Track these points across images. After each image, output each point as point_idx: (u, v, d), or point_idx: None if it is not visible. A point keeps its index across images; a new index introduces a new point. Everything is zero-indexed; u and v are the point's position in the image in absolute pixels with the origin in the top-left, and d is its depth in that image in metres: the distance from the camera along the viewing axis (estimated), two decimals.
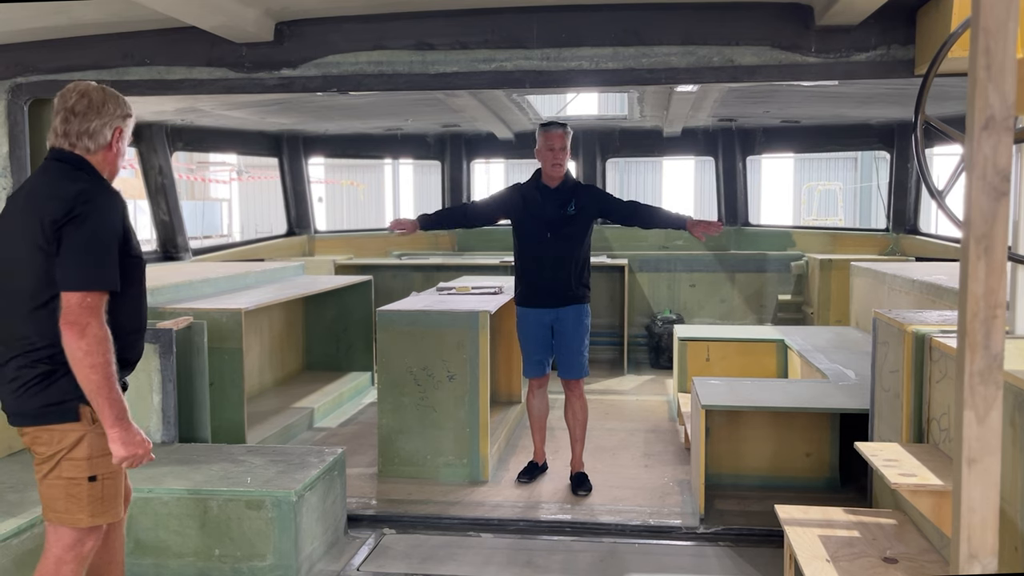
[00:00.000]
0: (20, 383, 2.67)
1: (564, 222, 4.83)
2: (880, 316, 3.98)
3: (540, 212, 4.84)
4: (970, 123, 1.73)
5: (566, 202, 4.85)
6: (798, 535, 3.26)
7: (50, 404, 2.66)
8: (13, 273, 2.67)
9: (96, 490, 2.70)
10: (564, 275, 4.85)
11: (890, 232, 9.05)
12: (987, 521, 1.78)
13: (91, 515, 2.71)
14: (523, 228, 4.92)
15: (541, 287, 4.88)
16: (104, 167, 2.78)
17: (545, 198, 4.87)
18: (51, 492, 2.70)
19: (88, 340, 2.54)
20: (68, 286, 2.56)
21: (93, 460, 2.69)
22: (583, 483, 4.95)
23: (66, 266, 2.57)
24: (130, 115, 2.82)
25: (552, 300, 4.88)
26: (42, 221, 2.59)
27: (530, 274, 4.91)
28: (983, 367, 1.75)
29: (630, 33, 4.12)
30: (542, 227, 4.84)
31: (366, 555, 4.17)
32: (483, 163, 10.72)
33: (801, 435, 4.96)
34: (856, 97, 6.89)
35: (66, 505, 2.69)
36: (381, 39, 4.24)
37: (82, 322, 2.54)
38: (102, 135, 2.73)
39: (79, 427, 2.67)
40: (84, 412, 2.66)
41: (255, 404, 6.25)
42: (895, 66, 4.01)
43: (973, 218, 1.72)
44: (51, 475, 2.69)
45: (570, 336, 4.92)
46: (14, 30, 4.23)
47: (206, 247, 9.68)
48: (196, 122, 8.01)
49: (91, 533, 2.75)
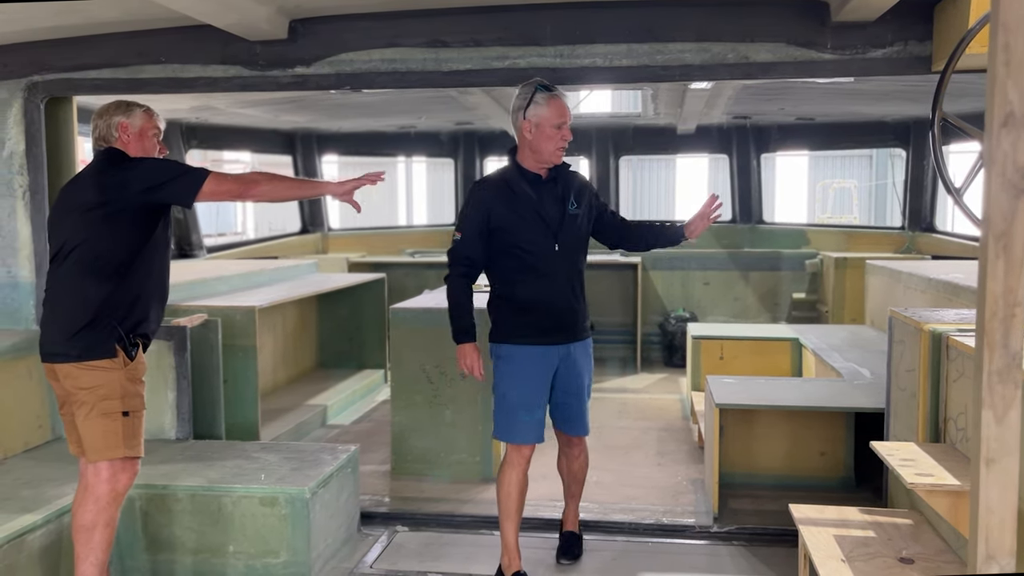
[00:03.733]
0: (73, 327, 3.15)
1: (568, 224, 3.65)
2: (896, 315, 3.95)
3: (538, 213, 3.60)
4: (989, 120, 1.71)
5: (565, 196, 3.66)
6: (813, 535, 3.24)
7: (92, 343, 3.14)
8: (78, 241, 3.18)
9: (129, 425, 3.19)
10: (575, 298, 3.69)
11: (906, 230, 8.99)
12: (1005, 522, 1.76)
13: (127, 447, 3.18)
14: (515, 236, 3.59)
15: (549, 316, 3.64)
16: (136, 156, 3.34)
17: (541, 193, 3.63)
18: (91, 429, 3.15)
19: (258, 184, 3.28)
20: (195, 185, 3.21)
21: (126, 398, 3.18)
22: (575, 545, 4.05)
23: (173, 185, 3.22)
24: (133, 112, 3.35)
25: (562, 334, 3.68)
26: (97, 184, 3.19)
27: (531, 299, 3.62)
28: (1002, 366, 1.73)
29: (644, 30, 4.10)
30: (544, 233, 3.59)
31: (379, 552, 4.17)
32: (496, 161, 10.70)
33: (816, 434, 4.94)
34: (872, 94, 6.84)
35: (104, 439, 3.15)
36: (394, 37, 4.24)
37: (237, 186, 3.25)
38: (108, 132, 3.34)
39: (115, 365, 3.16)
40: (120, 352, 3.17)
41: (269, 401, 6.27)
42: (912, 63, 3.98)
43: (992, 216, 1.70)
44: (90, 415, 3.14)
45: (581, 381, 3.78)
46: (30, 28, 4.25)
47: (220, 244, 9.72)
48: (210, 120, 8.04)
49: (125, 468, 3.21)
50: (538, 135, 3.54)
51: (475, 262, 3.65)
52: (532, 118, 3.53)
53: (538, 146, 3.56)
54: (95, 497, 3.18)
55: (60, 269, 3.23)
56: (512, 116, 3.62)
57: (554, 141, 3.54)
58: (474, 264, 3.65)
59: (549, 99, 3.52)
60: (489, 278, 3.73)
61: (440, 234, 10.81)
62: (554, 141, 3.54)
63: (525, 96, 3.54)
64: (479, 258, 3.65)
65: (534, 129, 3.53)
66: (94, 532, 3.17)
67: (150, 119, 3.40)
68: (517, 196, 3.60)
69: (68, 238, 3.21)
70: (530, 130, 3.54)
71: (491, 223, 3.60)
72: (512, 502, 3.69)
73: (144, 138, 3.36)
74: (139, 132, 3.35)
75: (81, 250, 3.18)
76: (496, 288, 3.71)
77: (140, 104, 3.42)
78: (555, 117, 3.52)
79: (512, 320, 3.65)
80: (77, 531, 3.19)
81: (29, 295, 4.59)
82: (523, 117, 3.54)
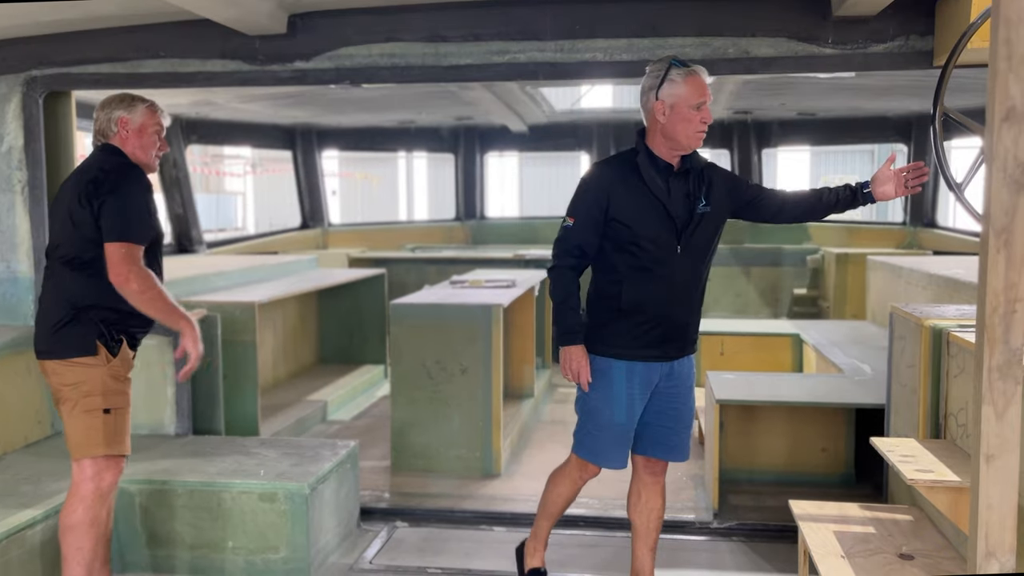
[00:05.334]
0: (56, 323, 3.16)
1: (695, 224, 3.16)
2: (897, 310, 3.94)
3: (666, 207, 3.12)
4: (990, 115, 1.70)
5: (695, 192, 3.17)
6: (813, 531, 3.24)
7: (74, 339, 3.14)
8: (61, 240, 3.21)
9: (110, 422, 3.15)
10: (691, 310, 3.24)
11: (907, 226, 8.98)
12: (1005, 518, 1.76)
13: (107, 445, 3.14)
14: (634, 230, 3.12)
15: (659, 326, 3.17)
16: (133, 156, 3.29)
17: (671, 185, 3.15)
18: (74, 427, 3.14)
19: (136, 282, 3.09)
20: (109, 239, 3.09)
21: (108, 395, 3.15)
22: None
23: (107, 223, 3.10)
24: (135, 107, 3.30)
25: (673, 348, 3.23)
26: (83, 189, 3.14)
27: (639, 302, 3.15)
28: (1002, 362, 1.73)
29: (645, 25, 4.09)
30: (669, 231, 3.13)
31: (379, 548, 4.17)
32: (497, 156, 10.71)
33: (816, 430, 4.93)
34: (873, 89, 6.83)
35: (86, 437, 3.13)
36: (394, 31, 4.23)
37: (124, 271, 3.07)
38: (108, 127, 3.29)
39: (97, 362, 3.14)
40: (102, 350, 3.15)
41: (268, 397, 6.27)
42: (913, 57, 3.97)
43: (993, 211, 1.70)
44: (73, 412, 3.13)
45: (685, 402, 3.34)
46: (29, 23, 4.24)
47: (220, 240, 9.72)
48: (210, 115, 8.04)
49: (109, 466, 3.17)
50: (673, 117, 3.06)
51: (586, 254, 3.20)
52: (667, 98, 3.05)
53: (673, 130, 3.08)
54: (80, 496, 3.15)
55: (49, 266, 3.26)
56: (642, 97, 3.16)
57: (692, 124, 3.06)
58: (584, 256, 3.21)
59: (687, 76, 3.05)
60: (596, 275, 3.28)
61: (441, 229, 10.83)
62: (692, 124, 3.06)
63: (657, 74, 3.09)
64: (591, 250, 3.19)
65: (668, 111, 3.06)
66: (79, 531, 3.14)
67: (152, 115, 3.34)
68: (645, 184, 3.13)
69: (57, 235, 3.25)
70: (664, 112, 3.07)
71: (610, 211, 3.13)
72: (558, 507, 3.50)
73: (143, 134, 3.31)
74: (139, 128, 3.29)
75: (65, 247, 3.19)
76: (600, 287, 3.25)
77: (144, 99, 3.37)
78: (694, 96, 3.04)
79: (613, 326, 3.19)
80: (63, 531, 3.17)
81: (28, 290, 4.58)
82: (655, 98, 3.08)
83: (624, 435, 3.27)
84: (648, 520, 3.44)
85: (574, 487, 3.44)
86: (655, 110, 3.10)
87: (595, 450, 3.30)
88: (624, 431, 3.26)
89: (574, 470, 3.40)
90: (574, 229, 3.18)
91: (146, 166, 3.33)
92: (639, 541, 3.47)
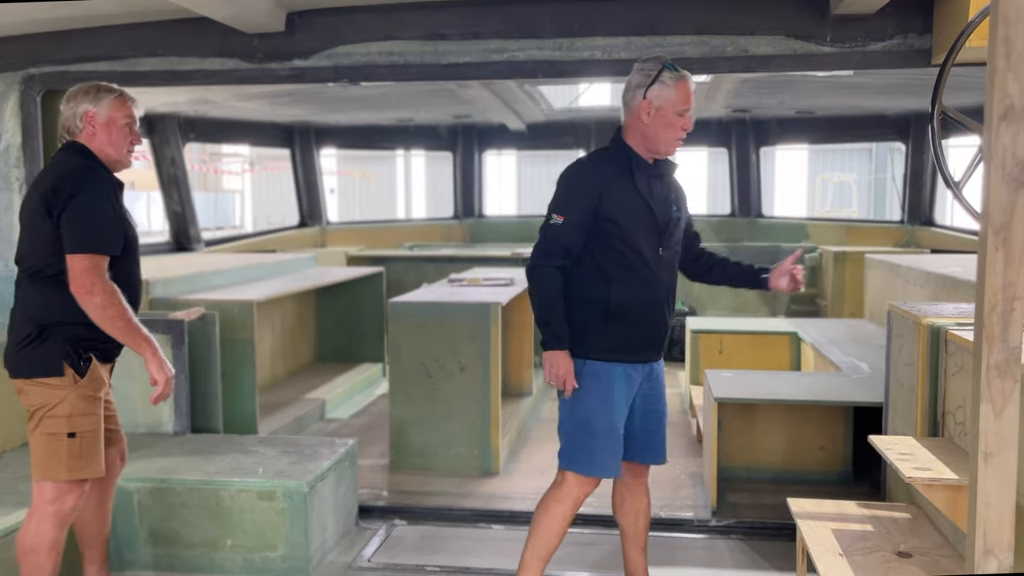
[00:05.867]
0: (21, 340, 2.99)
1: (672, 227, 3.19)
2: (895, 309, 3.95)
3: (650, 207, 3.11)
4: (989, 113, 1.70)
5: (669, 195, 3.20)
6: (811, 529, 3.24)
7: (39, 359, 2.96)
8: (26, 251, 3.02)
9: (75, 446, 2.96)
10: (669, 312, 3.24)
11: (905, 224, 8.99)
12: (1003, 516, 1.76)
13: (69, 469, 2.96)
14: (624, 231, 3.07)
15: (645, 329, 3.16)
16: (99, 153, 3.06)
17: (652, 186, 3.14)
18: (36, 447, 2.97)
19: (99, 296, 2.87)
20: (70, 249, 2.89)
21: (73, 418, 2.96)
22: None
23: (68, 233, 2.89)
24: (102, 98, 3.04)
25: (652, 351, 3.22)
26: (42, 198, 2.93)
27: (628, 305, 3.10)
28: (1000, 360, 1.73)
29: (643, 23, 4.09)
30: (653, 231, 3.12)
31: (377, 546, 4.17)
32: (495, 154, 10.70)
33: (815, 428, 4.93)
34: (871, 87, 6.83)
35: (47, 460, 2.96)
36: (392, 29, 4.23)
37: (88, 283, 2.86)
38: (73, 122, 3.04)
39: (63, 384, 2.95)
40: (68, 371, 2.96)
41: (267, 395, 6.27)
42: (912, 55, 3.97)
43: (991, 210, 1.70)
44: (37, 430, 2.96)
45: (663, 401, 3.34)
46: (27, 20, 4.24)
47: (218, 238, 9.71)
48: (208, 113, 8.03)
49: (71, 490, 3.00)
50: (657, 120, 3.04)
51: (572, 254, 3.09)
52: (654, 99, 3.02)
53: (654, 133, 3.06)
54: (40, 518, 2.98)
55: (18, 277, 3.05)
56: (626, 93, 3.11)
57: (674, 130, 3.05)
58: (570, 256, 3.09)
59: (678, 80, 3.03)
60: (576, 276, 3.13)
61: (439, 228, 10.83)
62: (674, 130, 3.05)
63: (649, 73, 3.04)
64: (577, 250, 3.08)
65: (654, 112, 3.03)
66: (39, 555, 2.97)
67: (121, 107, 3.06)
68: (634, 183, 3.09)
69: (23, 244, 3.03)
70: (649, 112, 3.03)
71: (601, 210, 3.05)
72: (556, 539, 3.24)
73: (112, 129, 3.04)
74: (107, 122, 3.03)
75: (29, 259, 2.99)
76: (585, 288, 3.11)
77: (112, 89, 3.09)
78: (681, 103, 3.03)
79: (603, 329, 3.10)
80: (22, 553, 3.00)
81: None
82: (643, 96, 3.04)
83: (620, 439, 3.17)
84: (637, 521, 3.41)
85: (574, 509, 3.24)
86: (640, 109, 3.06)
87: (594, 461, 3.16)
88: (619, 435, 3.17)
89: (573, 489, 3.20)
90: (564, 228, 3.06)
91: (117, 163, 3.09)
92: (630, 543, 3.43)
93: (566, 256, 3.08)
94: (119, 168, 3.11)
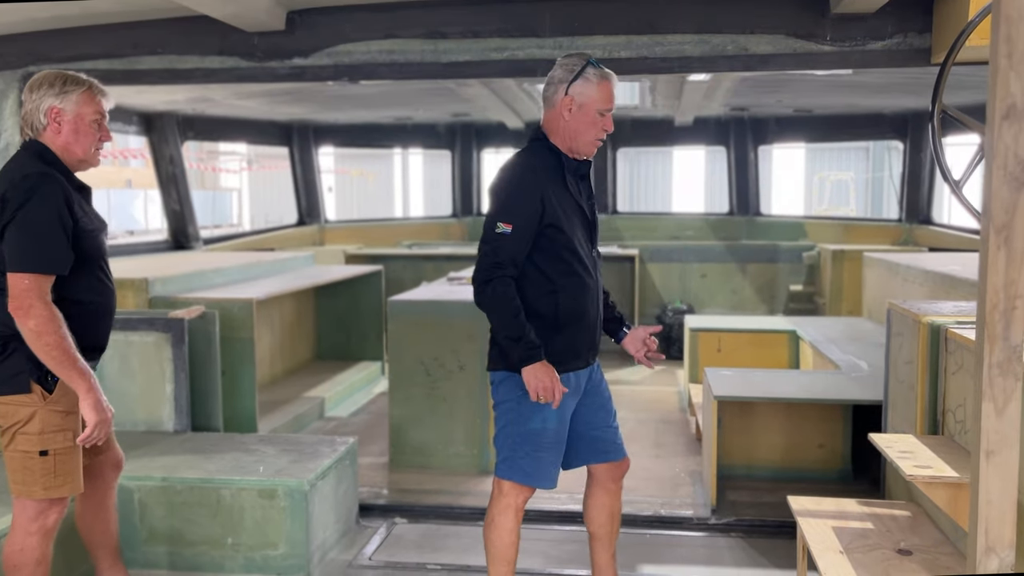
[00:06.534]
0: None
1: (596, 226, 3.15)
2: (895, 307, 3.95)
3: (582, 208, 3.05)
4: (991, 112, 1.71)
5: (589, 195, 3.14)
6: (811, 527, 3.25)
7: (4, 376, 2.77)
8: None
9: (48, 464, 2.80)
10: (600, 312, 3.16)
11: (903, 222, 9.00)
12: (1005, 514, 1.77)
13: (44, 488, 2.81)
14: (566, 235, 2.96)
15: (587, 334, 3.07)
16: (64, 153, 2.83)
17: (582, 189, 3.08)
18: (11, 464, 2.82)
19: (35, 320, 2.66)
20: (10, 267, 2.68)
21: (45, 435, 2.79)
22: None
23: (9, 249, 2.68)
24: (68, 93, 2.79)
25: (592, 354, 3.13)
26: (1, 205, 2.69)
27: (573, 312, 3.00)
28: (1002, 359, 1.74)
29: (643, 22, 4.09)
30: (588, 233, 3.07)
31: (378, 544, 4.18)
32: (493, 153, 10.70)
33: (814, 426, 4.94)
34: (870, 86, 6.84)
35: (23, 477, 2.81)
36: (393, 28, 4.23)
37: (25, 304, 2.65)
38: (36, 118, 2.80)
39: (31, 401, 2.77)
40: (36, 387, 2.78)
41: (266, 393, 6.27)
42: (912, 55, 3.98)
43: (993, 208, 1.70)
44: (9, 448, 2.81)
45: (607, 393, 3.25)
46: (26, 19, 4.23)
47: (217, 237, 9.70)
48: (207, 112, 8.01)
49: (52, 506, 2.86)
50: (579, 117, 2.93)
51: (519, 265, 2.93)
52: (576, 95, 2.91)
53: (575, 130, 2.95)
54: (23, 535, 2.85)
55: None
56: (547, 88, 3.00)
57: (595, 129, 2.95)
58: (518, 267, 2.93)
59: (601, 79, 2.92)
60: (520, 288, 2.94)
61: (437, 226, 10.82)
62: (595, 129, 2.95)
63: (572, 68, 2.93)
64: (522, 260, 2.93)
65: (575, 109, 2.92)
66: (26, 571, 2.86)
67: (90, 102, 2.81)
68: (568, 185, 2.99)
69: None
70: (570, 109, 2.93)
71: (545, 216, 2.91)
72: (513, 550, 3.13)
73: (79, 126, 2.80)
74: (74, 119, 2.79)
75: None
76: (530, 301, 2.94)
77: (80, 81, 2.83)
78: (603, 101, 2.93)
79: (548, 343, 2.93)
80: (8, 570, 2.89)
81: None
82: (564, 92, 2.93)
83: (560, 452, 3.10)
84: (612, 522, 3.32)
85: (519, 517, 3.13)
86: (561, 104, 2.94)
87: (540, 473, 3.06)
88: (561, 448, 3.09)
89: (513, 499, 3.09)
90: (512, 237, 2.88)
91: (82, 163, 2.87)
92: (602, 548, 3.35)
93: (515, 266, 2.92)
94: (85, 168, 2.90)
